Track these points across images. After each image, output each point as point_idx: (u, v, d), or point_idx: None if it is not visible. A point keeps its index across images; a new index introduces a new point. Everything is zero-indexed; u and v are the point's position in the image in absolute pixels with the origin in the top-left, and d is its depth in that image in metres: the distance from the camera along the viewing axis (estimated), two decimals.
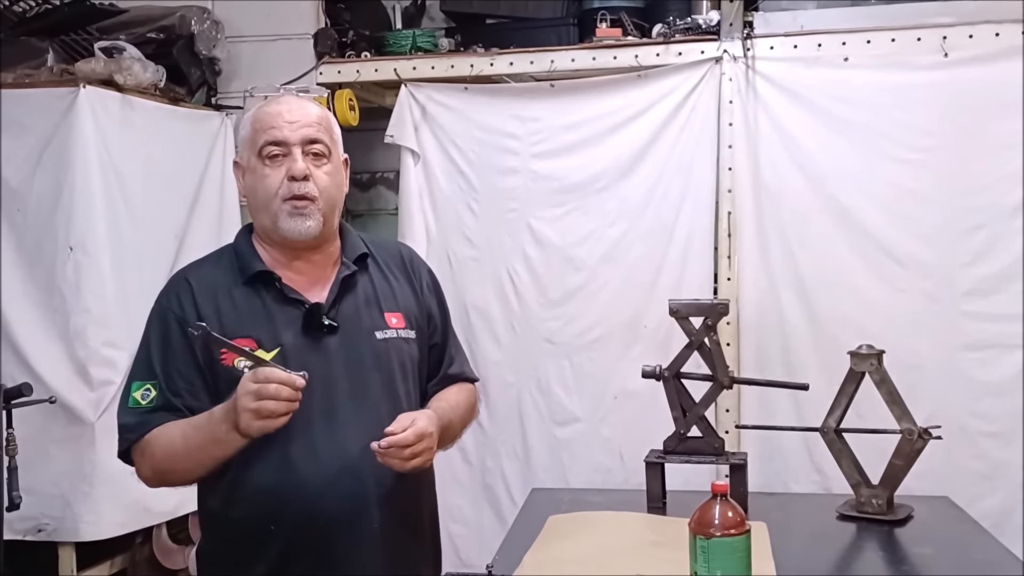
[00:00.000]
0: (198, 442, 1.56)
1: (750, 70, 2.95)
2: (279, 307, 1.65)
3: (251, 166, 1.67)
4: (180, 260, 2.93)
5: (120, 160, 2.72)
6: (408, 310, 1.75)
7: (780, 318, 2.94)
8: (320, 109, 1.72)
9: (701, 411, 2.14)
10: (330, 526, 1.62)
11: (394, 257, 1.81)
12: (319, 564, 1.64)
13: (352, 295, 1.70)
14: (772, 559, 1.68)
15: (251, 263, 1.67)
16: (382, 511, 1.66)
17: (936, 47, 2.82)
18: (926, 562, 1.75)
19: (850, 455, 2.05)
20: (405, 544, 1.72)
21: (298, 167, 1.63)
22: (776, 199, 2.95)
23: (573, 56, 3.07)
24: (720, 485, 1.52)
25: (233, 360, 1.57)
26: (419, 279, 1.81)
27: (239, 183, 1.74)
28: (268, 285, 1.66)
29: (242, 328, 1.61)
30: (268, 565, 1.64)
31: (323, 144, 1.67)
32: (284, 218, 1.63)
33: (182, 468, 1.61)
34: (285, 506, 1.61)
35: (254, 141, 1.66)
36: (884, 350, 2.04)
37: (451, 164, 3.18)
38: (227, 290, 1.65)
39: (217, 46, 3.10)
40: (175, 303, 1.66)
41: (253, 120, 1.69)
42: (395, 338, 1.71)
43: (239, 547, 1.66)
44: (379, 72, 3.19)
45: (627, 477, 2.92)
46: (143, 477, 1.65)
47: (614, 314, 3.06)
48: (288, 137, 1.64)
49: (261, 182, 1.64)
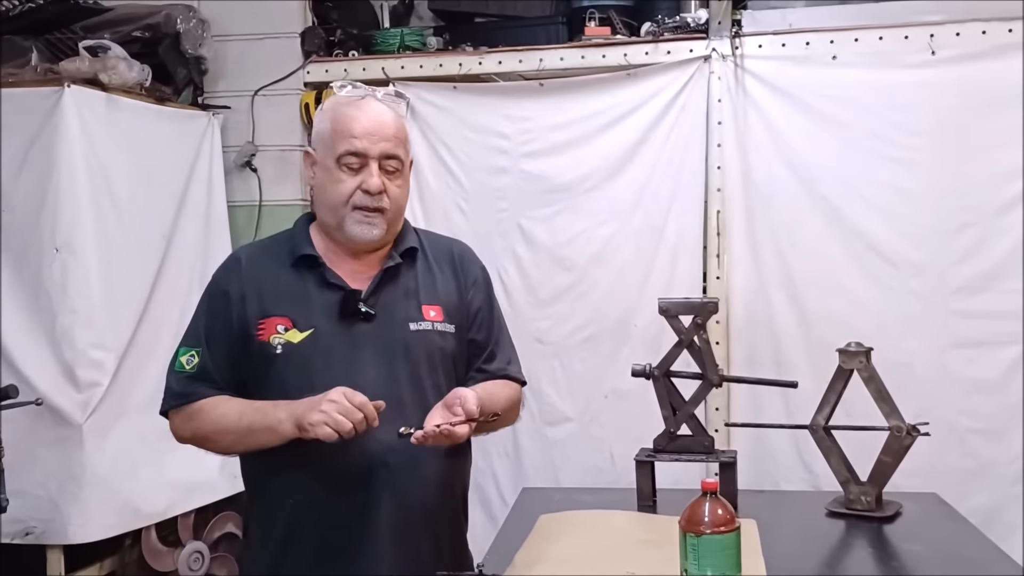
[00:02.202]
0: (252, 424, 1.63)
1: (739, 68, 2.96)
2: (319, 291, 1.70)
3: (326, 165, 1.70)
4: (168, 260, 2.93)
5: (106, 160, 2.70)
6: (449, 304, 1.78)
7: (770, 316, 2.95)
8: (397, 119, 1.74)
9: (691, 409, 2.14)
10: (344, 506, 1.66)
11: (445, 253, 1.84)
12: (329, 541, 1.67)
13: (392, 285, 1.74)
14: (762, 556, 1.68)
15: (300, 246, 1.73)
16: (397, 495, 1.68)
17: (924, 45, 2.83)
18: (915, 559, 1.76)
19: (839, 452, 2.06)
20: (420, 530, 1.73)
21: (374, 183, 1.67)
22: (765, 198, 2.95)
23: (562, 55, 3.07)
24: (710, 483, 1.52)
25: (269, 336, 1.66)
26: (467, 275, 1.83)
27: (307, 171, 1.77)
28: (312, 269, 1.72)
29: (280, 306, 1.68)
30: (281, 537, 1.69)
31: (398, 159, 1.72)
32: (352, 224, 1.69)
33: (226, 441, 1.69)
34: (304, 484, 1.66)
35: (333, 144, 1.69)
36: (872, 347, 2.05)
37: (440, 164, 3.17)
38: (273, 270, 1.72)
39: (203, 45, 3.08)
40: (224, 277, 1.75)
41: (333, 119, 1.70)
42: (430, 330, 1.74)
43: (264, 521, 1.73)
44: (367, 71, 3.18)
45: (618, 476, 2.92)
46: (179, 436, 1.75)
47: (604, 314, 3.06)
48: (368, 150, 1.68)
49: (335, 186, 1.69)
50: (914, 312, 2.85)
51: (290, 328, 1.67)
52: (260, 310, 1.68)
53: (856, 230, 2.88)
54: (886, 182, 2.87)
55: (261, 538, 1.73)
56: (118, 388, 2.70)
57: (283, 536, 1.70)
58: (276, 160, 3.27)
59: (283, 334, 1.67)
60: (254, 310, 1.69)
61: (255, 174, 3.27)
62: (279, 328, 1.67)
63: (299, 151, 3.27)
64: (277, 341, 1.66)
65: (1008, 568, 1.70)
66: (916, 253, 2.86)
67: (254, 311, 1.68)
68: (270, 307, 1.69)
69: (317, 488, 1.67)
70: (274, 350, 1.65)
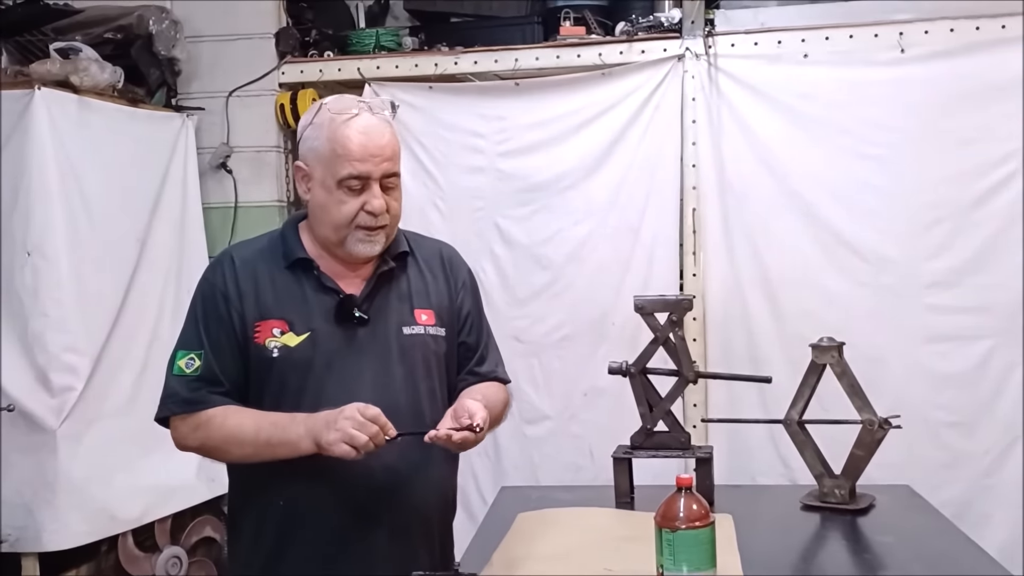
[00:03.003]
0: (270, 439, 1.61)
1: (712, 67, 2.98)
2: (315, 294, 1.70)
3: (326, 185, 1.67)
4: (142, 263, 2.91)
5: (78, 163, 2.68)
6: (440, 307, 1.79)
7: (745, 313, 2.97)
8: (392, 134, 1.71)
9: (667, 406, 2.15)
10: (338, 506, 1.67)
11: (434, 255, 1.85)
12: (321, 546, 1.68)
13: (386, 290, 1.74)
14: (737, 550, 1.69)
15: (294, 250, 1.72)
16: (394, 497, 1.69)
17: (893, 43, 2.86)
18: (887, 550, 1.78)
19: (813, 446, 2.07)
20: (416, 531, 1.74)
21: (378, 204, 1.66)
22: (740, 195, 2.98)
23: (537, 54, 3.08)
24: (684, 478, 1.53)
25: (265, 339, 1.65)
26: (455, 277, 1.84)
27: (300, 185, 1.74)
28: (307, 272, 1.72)
29: (278, 309, 1.68)
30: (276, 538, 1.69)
31: (397, 175, 1.71)
32: (354, 243, 1.68)
33: (240, 453, 1.66)
34: (297, 485, 1.66)
35: (333, 166, 1.65)
36: (844, 342, 2.07)
37: (417, 163, 3.17)
38: (268, 272, 1.71)
39: (176, 46, 3.06)
40: (219, 277, 1.71)
41: (331, 139, 1.66)
42: (422, 334, 1.75)
43: (258, 521, 1.72)
44: (342, 72, 3.18)
45: (597, 473, 2.93)
46: (183, 445, 1.70)
47: (582, 312, 3.07)
48: (371, 172, 1.66)
49: (337, 207, 1.66)
50: (887, 307, 2.89)
51: (287, 331, 1.66)
52: (256, 312, 1.67)
53: (829, 226, 2.92)
54: (858, 178, 2.90)
55: (253, 540, 1.73)
56: (92, 392, 2.68)
57: (276, 538, 1.69)
58: (251, 161, 3.25)
59: (279, 337, 1.66)
60: (251, 312, 1.67)
61: (230, 175, 3.25)
62: (275, 331, 1.66)
63: (275, 152, 3.26)
64: (273, 344, 1.65)
65: (978, 559, 1.73)
66: (888, 249, 2.89)
67: (251, 313, 1.67)
68: (266, 309, 1.68)
69: (313, 494, 1.66)
70: (270, 353, 1.65)
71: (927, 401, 2.86)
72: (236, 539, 1.81)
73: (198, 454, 1.74)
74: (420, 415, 1.69)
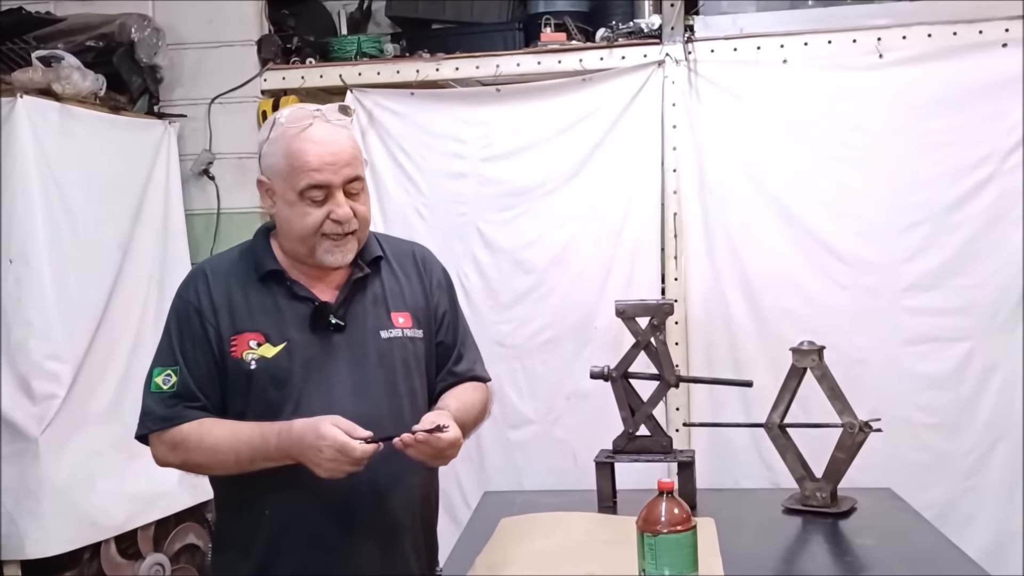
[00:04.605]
0: (249, 457, 1.62)
1: (692, 73, 3.00)
2: (289, 304, 1.70)
3: (287, 198, 1.67)
4: (125, 270, 2.90)
5: (60, 170, 2.67)
6: (416, 309, 1.79)
7: (727, 316, 2.98)
8: (350, 139, 1.71)
9: (649, 410, 2.17)
10: (323, 516, 1.67)
11: (408, 257, 1.85)
12: (311, 553, 1.67)
13: (361, 295, 1.74)
14: (719, 554, 1.71)
15: (265, 261, 1.72)
16: (378, 503, 1.69)
17: (871, 48, 2.89)
18: (868, 552, 1.79)
19: (794, 450, 2.09)
20: (398, 538, 1.74)
21: (344, 212, 1.66)
22: (720, 199, 2.99)
23: (518, 60, 3.09)
24: (666, 483, 1.54)
25: (241, 353, 1.65)
26: (430, 279, 1.84)
27: (264, 200, 1.73)
28: (280, 283, 1.71)
29: (252, 322, 1.68)
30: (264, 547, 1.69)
31: (360, 180, 1.70)
32: (323, 253, 1.68)
33: (221, 470, 1.68)
34: (283, 494, 1.66)
35: (292, 178, 1.65)
36: (824, 346, 2.08)
37: (399, 170, 3.17)
38: (242, 285, 1.70)
39: (158, 53, 3.05)
40: (192, 293, 1.71)
41: (286, 152, 1.66)
42: (400, 337, 1.75)
43: (246, 531, 1.71)
44: (324, 78, 3.18)
45: (580, 478, 2.92)
46: (163, 462, 1.71)
47: (565, 316, 3.08)
48: (331, 180, 1.65)
49: (302, 220, 1.66)
50: (867, 309, 2.91)
51: (263, 343, 1.66)
52: (231, 326, 1.67)
53: (808, 229, 2.93)
54: (837, 181, 2.92)
55: (241, 551, 1.72)
56: (74, 400, 2.66)
57: (265, 549, 1.69)
58: (234, 168, 3.25)
59: (256, 349, 1.66)
60: (226, 326, 1.67)
61: (213, 182, 3.24)
62: (251, 344, 1.66)
63: (257, 159, 3.25)
64: (250, 357, 1.65)
65: (959, 560, 1.75)
66: (868, 251, 2.91)
67: (226, 327, 1.67)
68: (241, 323, 1.67)
69: (299, 502, 1.66)
70: (248, 366, 1.65)
71: (908, 403, 2.87)
72: (222, 549, 1.80)
73: (179, 470, 1.73)
74: (401, 418, 1.69)
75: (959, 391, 2.87)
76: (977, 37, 2.84)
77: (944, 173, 2.88)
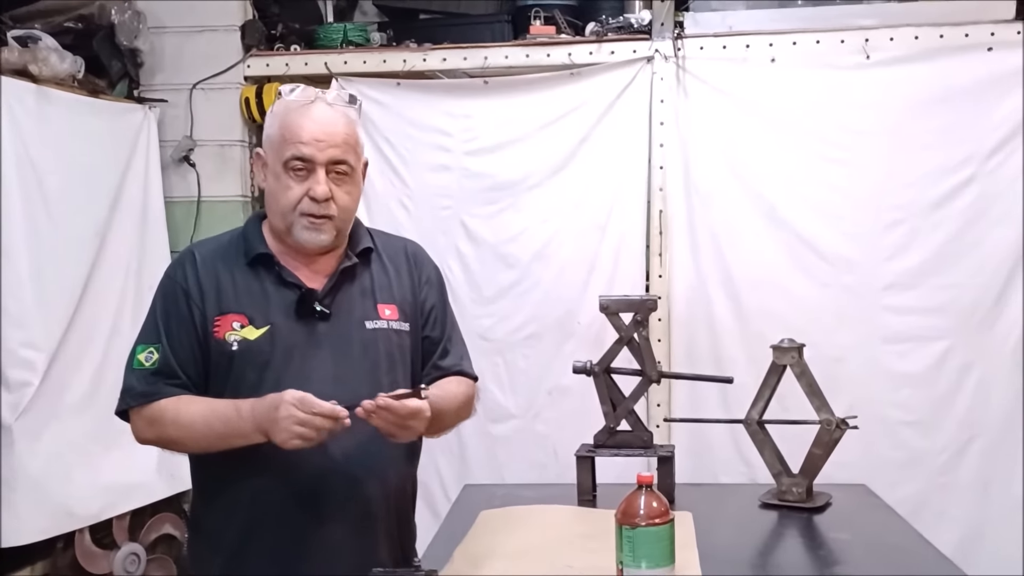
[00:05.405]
0: (221, 432, 1.62)
1: (680, 70, 3.00)
2: (276, 289, 1.70)
3: (274, 170, 1.70)
4: (102, 258, 2.86)
5: (37, 153, 2.63)
6: (404, 303, 1.79)
7: (709, 313, 2.99)
8: (348, 124, 1.71)
9: (630, 405, 2.17)
10: (295, 502, 1.66)
11: (399, 251, 1.85)
12: (282, 539, 1.67)
13: (349, 285, 1.75)
14: (696, 547, 1.71)
15: (255, 245, 1.73)
16: (352, 491, 1.69)
17: (859, 48, 2.90)
18: (842, 547, 1.81)
19: (772, 446, 2.10)
20: (371, 527, 1.73)
21: (320, 190, 1.66)
22: (706, 197, 3.00)
23: (507, 53, 3.07)
24: (645, 476, 1.54)
25: (224, 334, 1.66)
26: (420, 274, 1.84)
27: (258, 173, 1.76)
28: (269, 268, 1.72)
29: (237, 304, 1.68)
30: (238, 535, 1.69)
31: (347, 164, 1.70)
32: (300, 230, 1.68)
33: (193, 446, 1.69)
34: (256, 479, 1.66)
35: (280, 149, 1.67)
36: (804, 344, 2.09)
37: (384, 161, 3.15)
38: (229, 268, 1.71)
39: (139, 37, 3.02)
40: (180, 273, 1.72)
41: (282, 124, 1.68)
42: (385, 329, 1.75)
43: (220, 519, 1.72)
44: (309, 66, 3.15)
45: (562, 472, 2.93)
46: (141, 438, 1.71)
47: (547, 311, 3.08)
48: (315, 156, 1.66)
49: (283, 192, 1.68)
50: (847, 308, 2.93)
51: (246, 325, 1.67)
52: (216, 307, 1.68)
53: (792, 228, 2.95)
54: (821, 180, 2.94)
55: (216, 534, 1.72)
56: (49, 388, 2.63)
57: (237, 537, 1.69)
58: (215, 156, 3.22)
59: (239, 331, 1.66)
60: (211, 307, 1.68)
61: (193, 169, 3.21)
62: (235, 325, 1.67)
63: (239, 146, 3.23)
64: (233, 338, 1.66)
65: (931, 556, 1.76)
66: (849, 250, 2.93)
67: (211, 308, 1.68)
68: (226, 304, 1.68)
69: (273, 488, 1.66)
70: (230, 347, 1.66)
71: (885, 400, 2.90)
72: (196, 536, 1.81)
73: (156, 447, 1.73)
74: None
75: (935, 389, 2.91)
76: (963, 40, 2.87)
77: (927, 173, 2.90)
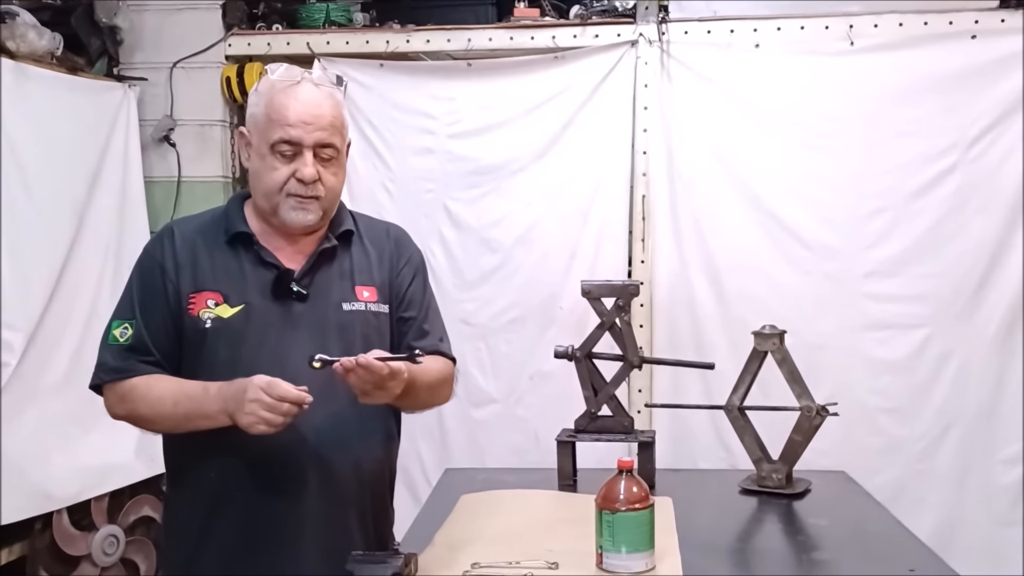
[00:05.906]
0: (187, 411, 1.61)
1: (665, 54, 2.99)
2: (253, 268, 1.69)
3: (259, 150, 1.68)
4: (81, 237, 2.83)
5: (14, 131, 2.59)
6: (383, 285, 1.79)
7: (691, 300, 3.00)
8: (334, 106, 1.70)
9: (611, 390, 2.17)
10: (266, 484, 1.66)
11: (381, 235, 1.85)
12: (252, 520, 1.66)
13: (327, 267, 1.74)
14: (675, 532, 1.72)
15: (235, 224, 1.72)
16: (325, 475, 1.68)
17: (843, 35, 2.90)
18: (821, 532, 1.83)
19: (752, 432, 2.11)
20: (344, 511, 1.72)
21: (308, 172, 1.66)
22: (689, 183, 3.00)
23: (491, 35, 3.05)
24: (625, 461, 1.55)
25: (198, 311, 1.66)
26: (400, 255, 1.84)
27: (243, 152, 1.75)
28: (248, 247, 1.71)
29: (213, 282, 1.67)
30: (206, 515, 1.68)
31: (334, 148, 1.70)
32: (286, 210, 1.68)
33: (162, 425, 1.69)
34: (227, 460, 1.65)
35: (267, 130, 1.66)
36: (785, 331, 2.10)
37: (367, 143, 3.13)
38: (208, 245, 1.70)
39: (118, 14, 2.97)
40: (158, 250, 1.72)
41: (267, 104, 1.67)
42: (362, 311, 1.74)
43: (190, 499, 1.71)
44: (291, 45, 3.12)
45: (543, 457, 2.92)
46: (113, 414, 1.71)
47: (530, 296, 3.07)
48: (302, 139, 1.65)
49: (268, 173, 1.67)
50: (828, 295, 2.94)
51: (221, 303, 1.66)
52: (192, 284, 1.67)
53: (774, 214, 2.95)
54: (803, 167, 2.94)
55: (183, 517, 1.71)
56: (27, 369, 2.61)
57: (205, 516, 1.68)
58: (195, 135, 3.18)
59: (213, 309, 1.66)
60: (187, 284, 1.67)
61: (174, 149, 3.17)
62: (209, 303, 1.66)
63: (220, 126, 3.19)
64: (207, 316, 1.65)
65: (908, 541, 1.78)
66: (831, 237, 2.94)
67: (187, 285, 1.67)
68: (202, 282, 1.67)
69: (243, 467, 1.65)
70: (203, 324, 1.65)
71: (864, 388, 2.92)
72: (169, 516, 1.80)
73: (128, 423, 1.73)
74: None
75: (915, 377, 2.92)
76: (947, 27, 2.87)
77: (909, 161, 2.91)
